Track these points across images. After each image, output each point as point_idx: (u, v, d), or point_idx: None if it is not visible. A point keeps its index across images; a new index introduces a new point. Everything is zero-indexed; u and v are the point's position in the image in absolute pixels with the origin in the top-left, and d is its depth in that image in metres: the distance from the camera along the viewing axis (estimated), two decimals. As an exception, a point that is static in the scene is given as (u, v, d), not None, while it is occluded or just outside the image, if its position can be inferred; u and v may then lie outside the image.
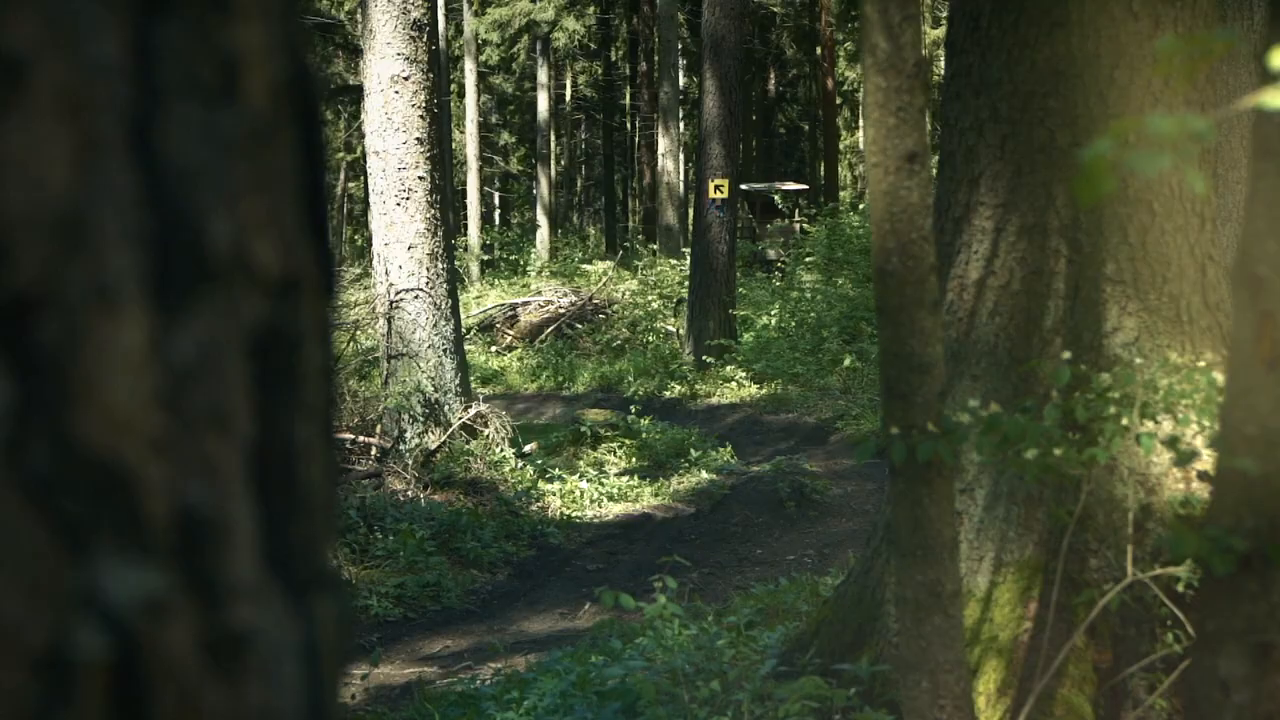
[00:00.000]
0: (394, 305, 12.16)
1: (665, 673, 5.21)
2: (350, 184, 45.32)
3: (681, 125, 31.25)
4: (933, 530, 3.49)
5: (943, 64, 5.24)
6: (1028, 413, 3.89)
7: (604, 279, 25.01)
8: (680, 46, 30.89)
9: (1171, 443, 3.64)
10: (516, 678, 6.52)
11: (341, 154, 43.07)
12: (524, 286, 28.44)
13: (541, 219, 40.25)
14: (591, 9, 42.48)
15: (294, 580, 0.83)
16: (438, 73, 12.53)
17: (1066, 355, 4.21)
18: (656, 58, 31.59)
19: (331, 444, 0.89)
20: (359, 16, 12.79)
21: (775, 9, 42.51)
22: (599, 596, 4.90)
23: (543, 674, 6.29)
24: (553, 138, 45.00)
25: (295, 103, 0.81)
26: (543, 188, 40.89)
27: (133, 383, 0.70)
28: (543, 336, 23.46)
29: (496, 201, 52.50)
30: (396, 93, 12.01)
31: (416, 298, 12.13)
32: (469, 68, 38.69)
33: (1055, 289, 4.54)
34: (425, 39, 12.10)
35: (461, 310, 26.60)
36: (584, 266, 28.51)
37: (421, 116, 12.09)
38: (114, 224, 0.69)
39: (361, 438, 11.74)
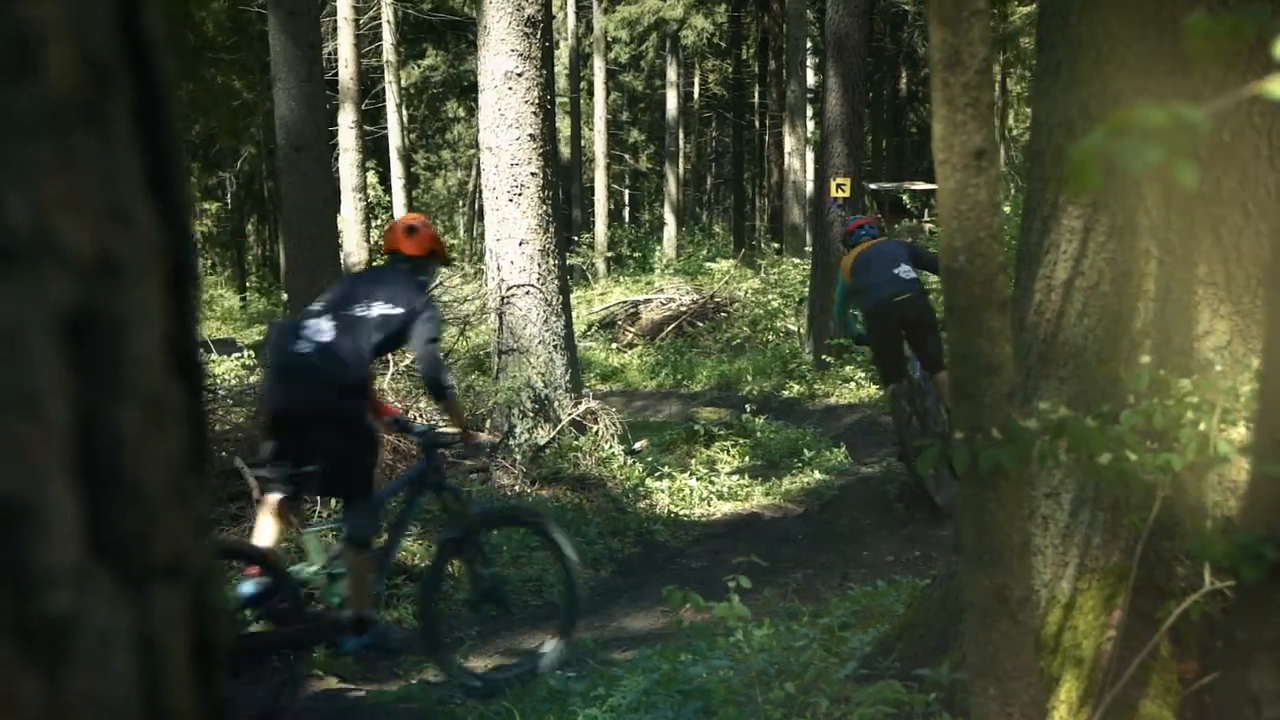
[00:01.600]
0: (505, 301, 12.22)
1: (749, 673, 5.18)
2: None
3: (810, 124, 31.07)
4: (1000, 534, 3.42)
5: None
6: (1104, 417, 3.80)
7: (726, 277, 24.96)
8: (810, 45, 30.71)
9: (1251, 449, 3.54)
10: (605, 674, 6.52)
11: (474, 151, 43.40)
12: (648, 284, 28.46)
13: (669, 217, 40.27)
14: (722, 7, 42.45)
15: (127, 570, 0.81)
16: (551, 69, 12.56)
17: (1146, 359, 4.11)
18: (785, 56, 31.44)
19: (176, 431, 0.87)
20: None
21: (907, 7, 42.12)
22: (667, 595, 4.87)
23: (630, 671, 6.28)
24: (681, 135, 45.00)
25: (119, 82, 0.80)
26: (670, 185, 40.91)
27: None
28: (663, 334, 23.47)
29: (626, 199, 52.64)
30: (510, 89, 12.07)
31: (528, 293, 12.18)
32: (598, 65, 38.83)
33: (1145, 290, 4.43)
34: (539, 36, 12.15)
35: (584, 307, 26.80)
36: (708, 264, 28.47)
37: (534, 113, 12.14)
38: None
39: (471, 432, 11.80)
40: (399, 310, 6.72)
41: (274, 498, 6.70)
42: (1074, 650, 4.48)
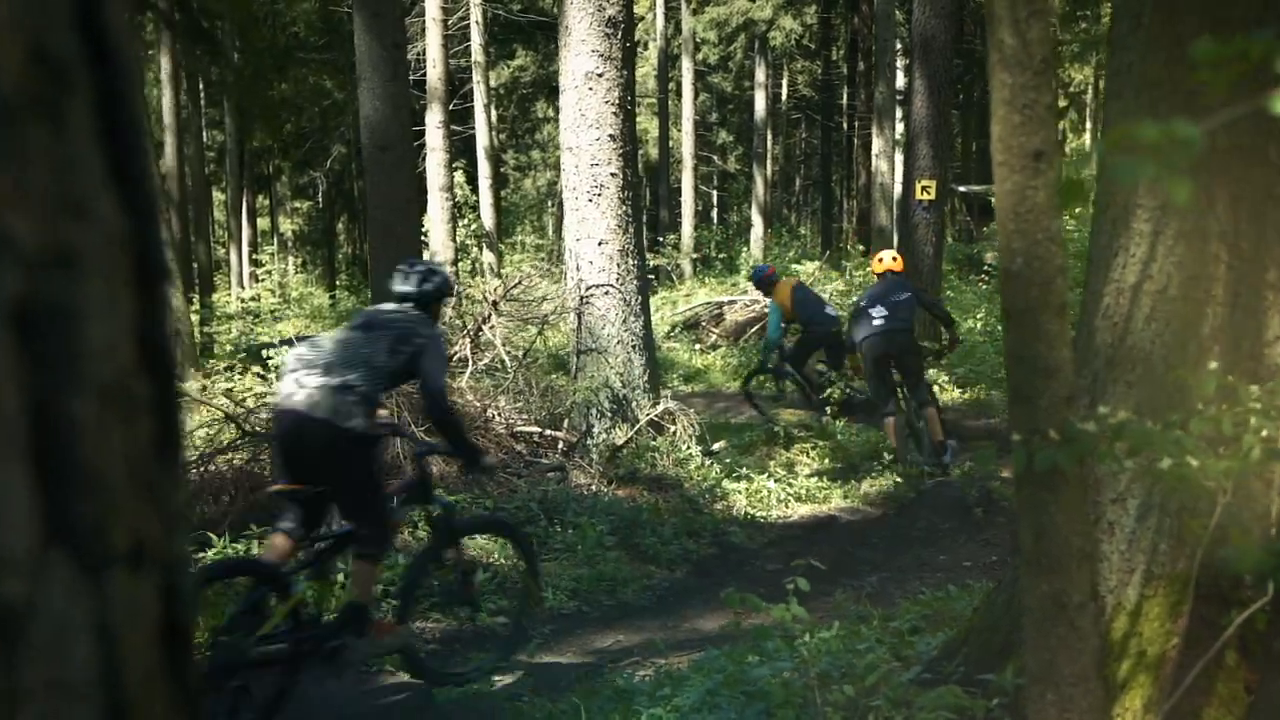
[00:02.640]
0: (584, 301, 12.25)
1: (813, 675, 5.16)
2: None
3: (898, 126, 30.92)
4: (1059, 538, 3.39)
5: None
6: (1172, 424, 3.76)
7: (811, 279, 24.89)
8: (899, 46, 30.55)
9: (1315, 457, 3.49)
10: (672, 674, 6.52)
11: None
12: (733, 285, 28.42)
13: (756, 218, 40.20)
14: (812, 8, 42.33)
15: (85, 557, 0.83)
16: (632, 70, 12.57)
17: (1214, 364, 4.06)
18: (873, 57, 31.30)
19: (143, 421, 0.88)
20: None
21: (998, 8, 41.68)
22: (725, 597, 4.86)
23: (696, 671, 6.28)
24: (769, 137, 44.92)
25: (76, 78, 0.81)
26: (758, 187, 40.83)
27: None
28: (747, 336, 23.45)
29: (714, 200, 52.61)
30: (590, 89, 12.10)
31: (606, 293, 12.20)
32: (686, 66, 38.84)
33: (1214, 295, 4.38)
34: (620, 36, 12.16)
35: (669, 308, 26.81)
36: (794, 266, 28.38)
37: (614, 113, 12.15)
38: None
39: (549, 431, 11.84)
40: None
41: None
42: (1140, 657, 4.44)
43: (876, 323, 12.69)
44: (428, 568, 7.55)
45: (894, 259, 13.27)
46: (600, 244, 12.19)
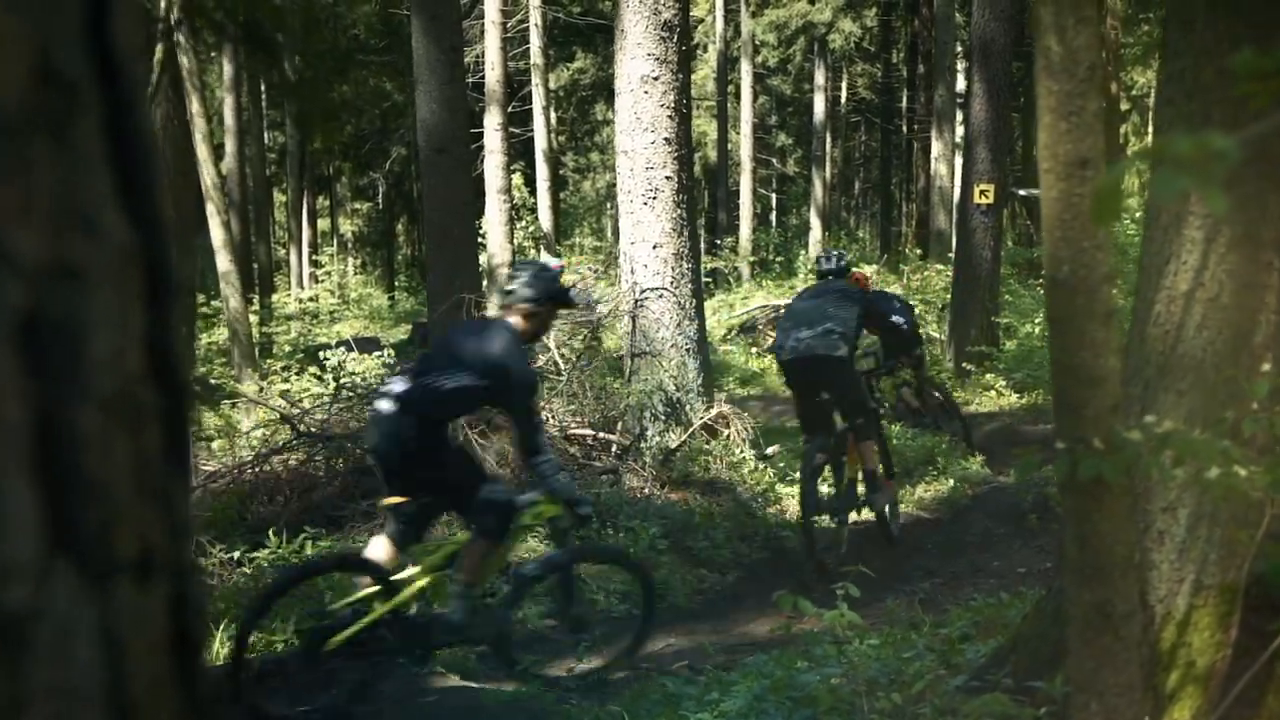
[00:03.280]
0: (638, 304, 12.26)
1: (861, 682, 5.15)
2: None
3: (958, 129, 30.77)
4: (1103, 548, 3.38)
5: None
6: (1222, 423, 3.73)
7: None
8: (959, 49, 30.42)
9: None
10: (720, 679, 6.52)
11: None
12: (790, 288, 28.35)
13: (814, 221, 40.12)
14: (872, 11, 42.20)
15: (89, 565, 0.84)
16: (687, 73, 12.57)
17: (1266, 368, 4.03)
18: (933, 60, 31.17)
19: (150, 431, 0.90)
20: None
21: (1059, 11, 41.41)
22: (777, 600, 4.86)
23: (745, 676, 6.28)
24: (828, 140, 44.80)
25: (84, 94, 0.83)
26: (817, 190, 40.74)
27: None
28: (803, 339, 23.34)
29: (773, 203, 52.51)
30: (646, 93, 12.11)
31: (661, 297, 12.21)
32: (745, 69, 38.82)
33: (1266, 303, 4.34)
34: (676, 39, 12.17)
35: (726, 310, 26.79)
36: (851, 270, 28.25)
37: (670, 116, 12.16)
38: None
39: (602, 434, 11.85)
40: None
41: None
42: (1189, 668, 4.40)
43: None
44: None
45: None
46: (655, 247, 12.20)
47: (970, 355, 18.55)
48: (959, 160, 28.19)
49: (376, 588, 6.92)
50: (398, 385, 7.05)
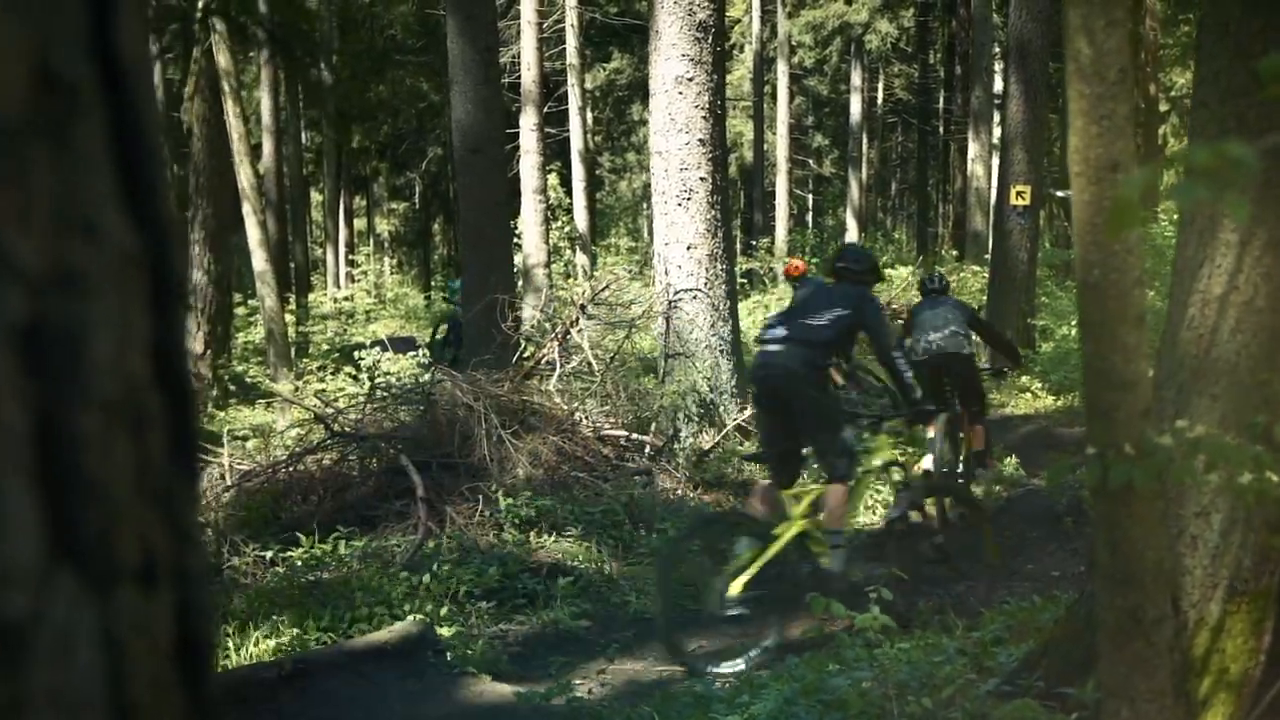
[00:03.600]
0: (672, 305, 12.26)
1: (891, 685, 5.13)
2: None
3: (995, 130, 30.66)
4: (1134, 553, 3.36)
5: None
6: (1255, 426, 3.71)
7: (905, 284, 24.75)
8: (997, 50, 30.31)
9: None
10: (751, 681, 6.50)
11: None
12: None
13: (851, 222, 40.07)
14: (909, 11, 42.10)
15: (90, 571, 0.84)
16: (722, 74, 12.57)
17: (1298, 374, 4.01)
18: (970, 61, 31.07)
19: (154, 436, 0.90)
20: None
21: (1098, 12, 41.21)
22: (810, 602, 4.85)
23: (776, 679, 6.26)
24: (865, 141, 44.72)
25: (87, 100, 0.83)
26: (853, 191, 40.69)
27: None
28: (839, 341, 23.29)
29: (809, 204, 52.44)
30: (680, 94, 12.12)
31: (695, 298, 12.21)
32: (781, 69, 38.77)
33: (1302, 307, 4.31)
34: (710, 40, 12.17)
35: (762, 311, 26.74)
36: (887, 271, 28.23)
37: (704, 118, 12.16)
38: None
39: (635, 435, 11.85)
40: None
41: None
42: (1222, 674, 4.38)
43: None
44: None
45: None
46: (689, 248, 12.21)
47: (1005, 357, 18.46)
48: (996, 161, 28.11)
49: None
50: (779, 329, 8.39)
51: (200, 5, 17.73)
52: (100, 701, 0.84)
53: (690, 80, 12.08)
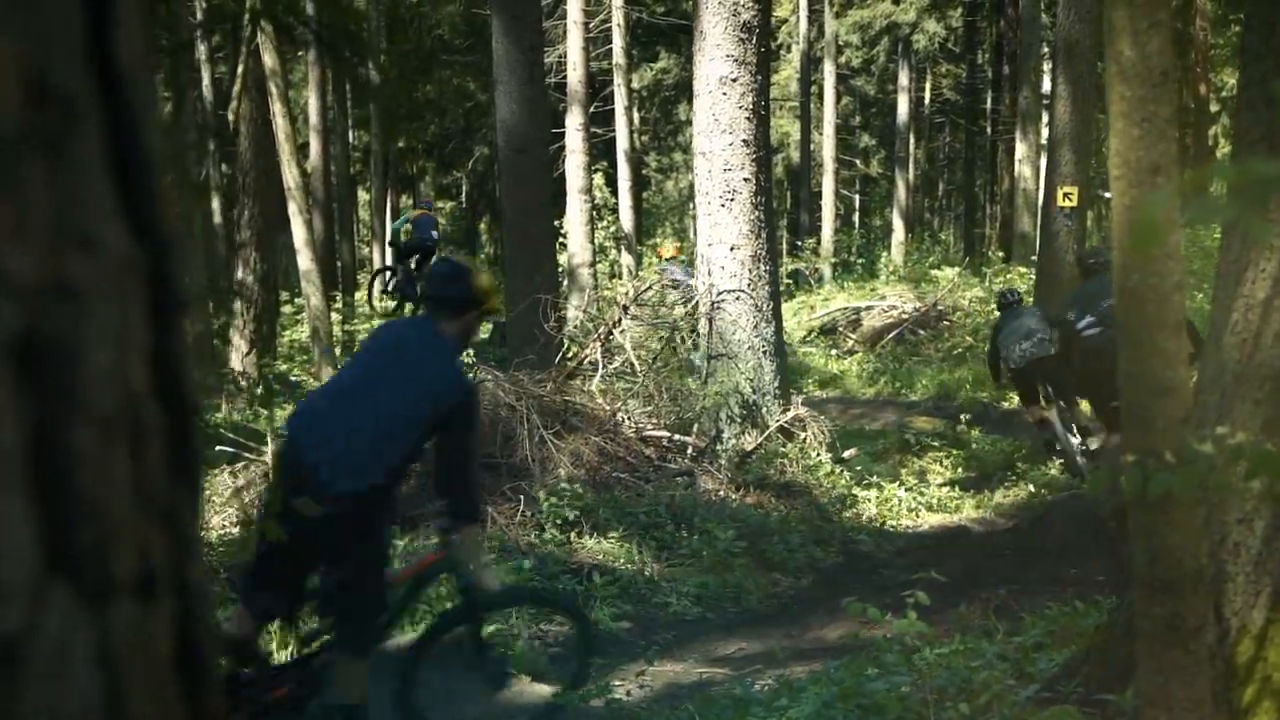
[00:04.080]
0: (715, 306, 12.24)
1: (930, 691, 5.11)
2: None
3: (1044, 131, 30.51)
4: (1172, 561, 3.33)
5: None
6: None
7: (950, 285, 24.65)
8: (1045, 50, 30.15)
9: None
10: (791, 684, 6.48)
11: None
12: (871, 290, 28.22)
13: (897, 223, 39.94)
14: (957, 11, 41.92)
15: (85, 585, 0.83)
16: (766, 74, 12.54)
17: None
18: (1018, 62, 30.93)
19: (153, 449, 0.89)
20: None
21: (1148, 12, 40.92)
22: (846, 607, 4.83)
23: (815, 683, 6.24)
24: (912, 141, 44.56)
25: (84, 111, 0.82)
26: (900, 191, 40.55)
27: None
28: (884, 341, 23.27)
29: (855, 204, 52.32)
30: (724, 94, 12.09)
31: (738, 299, 12.18)
32: (828, 69, 38.67)
33: (1348, 312, 4.26)
34: (755, 41, 12.13)
35: (807, 312, 26.71)
36: (933, 272, 28.14)
37: (748, 118, 12.13)
38: None
39: (678, 436, 11.84)
40: None
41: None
42: (1265, 682, 4.33)
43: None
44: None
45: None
46: (732, 249, 12.18)
47: (1052, 358, 18.38)
48: (1043, 162, 27.96)
49: None
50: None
51: (247, 7, 17.81)
52: (98, 715, 0.84)
53: (734, 81, 12.05)
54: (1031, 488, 12.56)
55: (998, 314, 14.52)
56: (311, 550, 5.66)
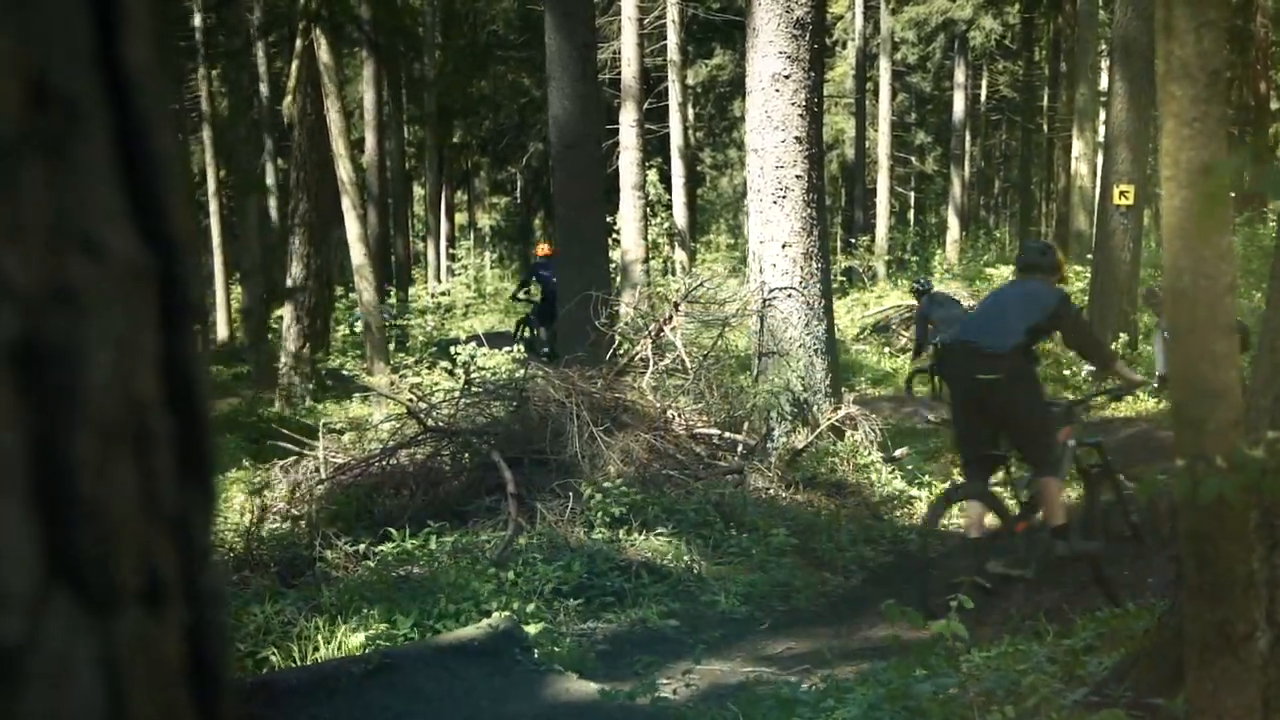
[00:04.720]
0: (766, 303, 12.21)
1: (976, 694, 5.06)
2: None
3: (1101, 129, 30.29)
4: (1223, 567, 3.29)
5: None
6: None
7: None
8: (1103, 48, 29.95)
9: None
10: (838, 685, 6.44)
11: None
12: (928, 288, 28.09)
13: (952, 220, 39.78)
14: (1014, 7, 41.68)
15: (88, 594, 0.82)
16: (820, 71, 12.49)
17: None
18: (1075, 59, 30.72)
19: (160, 455, 0.88)
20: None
21: (1207, 8, 40.57)
22: (885, 610, 4.80)
23: (861, 684, 6.20)
24: (968, 138, 44.35)
25: (90, 114, 0.81)
26: (955, 189, 40.38)
27: None
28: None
29: (910, 201, 52.14)
30: (777, 91, 12.06)
31: (789, 296, 12.15)
32: (884, 66, 38.56)
33: (1404, 313, 4.20)
34: (808, 38, 12.10)
35: (860, 309, 26.63)
36: (987, 270, 27.98)
37: (801, 115, 12.10)
38: None
39: (728, 434, 11.82)
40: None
41: None
42: (1316, 691, 4.27)
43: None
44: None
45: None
46: (784, 247, 12.15)
47: (1107, 358, 18.24)
48: (1100, 160, 27.78)
49: None
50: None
51: (300, 8, 17.91)
52: (101, 728, 0.83)
53: (787, 78, 12.02)
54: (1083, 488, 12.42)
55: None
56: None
